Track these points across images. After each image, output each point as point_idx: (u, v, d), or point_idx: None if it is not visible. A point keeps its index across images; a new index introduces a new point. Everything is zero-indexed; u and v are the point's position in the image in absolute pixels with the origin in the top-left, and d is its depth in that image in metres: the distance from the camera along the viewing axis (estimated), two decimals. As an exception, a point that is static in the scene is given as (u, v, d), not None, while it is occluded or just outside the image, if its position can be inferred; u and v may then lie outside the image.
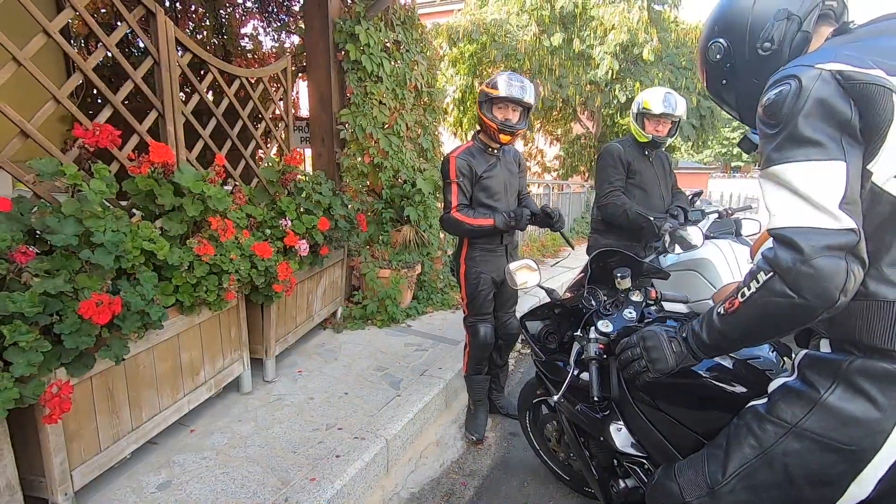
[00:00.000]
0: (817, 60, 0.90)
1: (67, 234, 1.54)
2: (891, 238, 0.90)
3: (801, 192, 0.88)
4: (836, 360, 0.95)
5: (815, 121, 0.88)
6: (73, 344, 1.49)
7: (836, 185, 0.86)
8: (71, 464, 1.62)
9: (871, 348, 0.91)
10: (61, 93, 1.89)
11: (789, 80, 0.91)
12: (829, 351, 0.99)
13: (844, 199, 0.85)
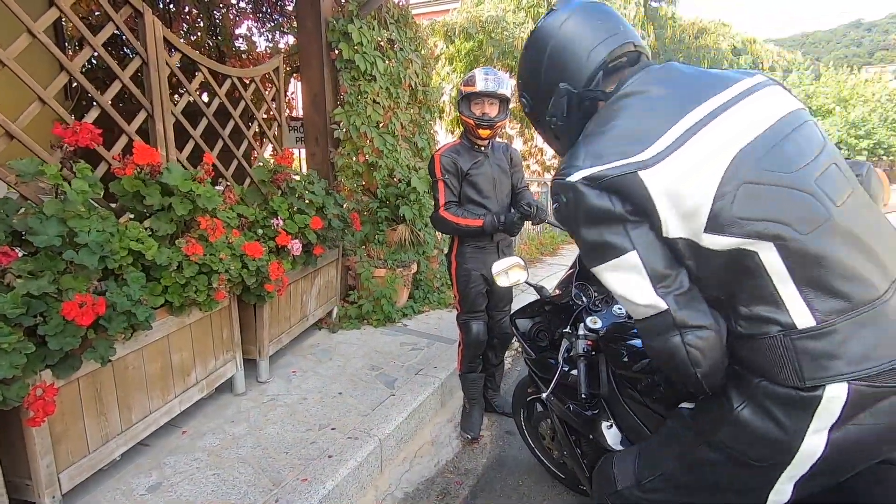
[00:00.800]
0: (568, 172, 0.96)
1: (50, 234, 1.53)
2: (733, 284, 0.90)
3: (620, 293, 0.96)
4: (747, 378, 0.93)
5: (593, 227, 0.95)
6: (57, 345, 1.48)
7: (640, 274, 0.92)
8: (58, 466, 1.61)
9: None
10: (47, 93, 1.88)
11: (560, 194, 0.99)
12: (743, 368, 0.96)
13: (655, 282, 0.91)
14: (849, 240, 0.86)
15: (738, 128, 0.91)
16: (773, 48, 10.62)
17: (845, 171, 0.94)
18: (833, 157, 0.93)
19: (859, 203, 0.92)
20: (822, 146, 0.94)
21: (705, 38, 10.10)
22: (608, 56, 1.07)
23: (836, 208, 0.87)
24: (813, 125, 0.96)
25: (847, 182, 0.92)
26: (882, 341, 0.83)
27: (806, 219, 0.86)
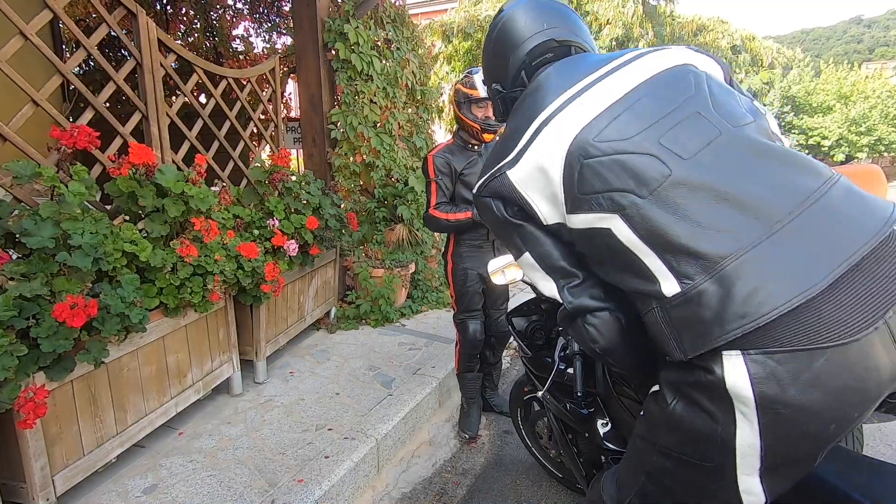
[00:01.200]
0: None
1: (44, 236, 1.52)
2: (614, 262, 0.90)
3: (538, 289, 1.04)
4: (663, 361, 0.87)
5: (497, 233, 1.08)
6: (50, 347, 1.47)
7: (540, 271, 1.00)
8: (52, 468, 1.61)
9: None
10: (40, 95, 1.88)
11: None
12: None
13: (553, 276, 0.99)
14: (700, 192, 0.80)
15: (588, 106, 0.92)
16: (771, 45, 10.59)
17: (714, 117, 0.87)
18: (698, 104, 0.88)
19: (729, 145, 0.84)
20: (688, 96, 0.90)
21: (704, 35, 10.09)
22: (527, 56, 1.12)
23: (684, 161, 0.83)
24: (689, 75, 0.93)
25: (711, 128, 0.85)
26: (759, 293, 0.73)
27: (644, 182, 0.83)
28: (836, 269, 0.71)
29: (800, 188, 0.78)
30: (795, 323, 0.71)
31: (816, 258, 0.72)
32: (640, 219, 0.82)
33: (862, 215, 0.75)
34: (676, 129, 0.86)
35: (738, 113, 0.90)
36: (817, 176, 0.79)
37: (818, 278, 0.71)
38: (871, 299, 0.70)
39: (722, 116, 0.87)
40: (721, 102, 0.90)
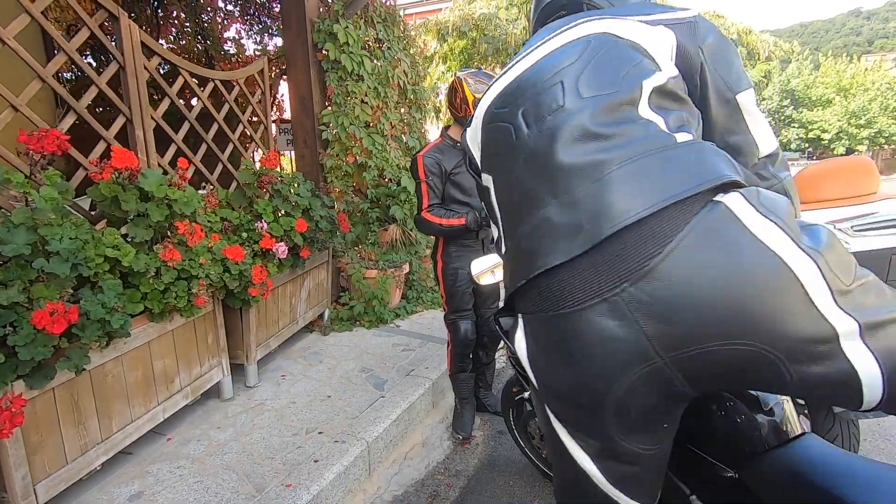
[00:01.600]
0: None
1: (19, 243, 1.50)
2: None
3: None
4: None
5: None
6: (28, 355, 1.45)
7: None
8: (34, 478, 1.59)
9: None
10: (20, 100, 1.86)
11: None
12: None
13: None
14: (530, 164, 0.87)
15: (510, 73, 0.99)
16: (768, 38, 10.52)
17: (569, 88, 0.87)
18: (563, 74, 0.89)
19: (563, 123, 0.84)
20: (559, 69, 0.90)
21: (700, 30, 10.03)
22: (541, 13, 1.15)
23: (527, 131, 0.89)
24: (579, 45, 0.91)
25: (553, 101, 0.87)
26: (527, 260, 0.84)
27: (502, 151, 0.94)
28: (576, 247, 0.77)
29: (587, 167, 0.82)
30: (542, 290, 0.82)
31: (567, 235, 0.79)
32: (499, 185, 0.96)
33: (623, 199, 0.76)
34: (541, 95, 0.90)
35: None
36: (607, 164, 0.80)
37: (562, 255, 0.78)
38: (598, 276, 0.76)
39: (580, 94, 0.87)
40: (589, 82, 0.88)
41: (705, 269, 0.71)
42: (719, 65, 0.94)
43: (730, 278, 0.70)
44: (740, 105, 0.95)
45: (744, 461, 1.05)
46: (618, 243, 0.74)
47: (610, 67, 0.88)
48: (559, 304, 0.79)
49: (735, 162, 0.81)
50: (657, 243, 0.72)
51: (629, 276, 0.73)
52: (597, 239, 0.75)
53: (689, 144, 0.79)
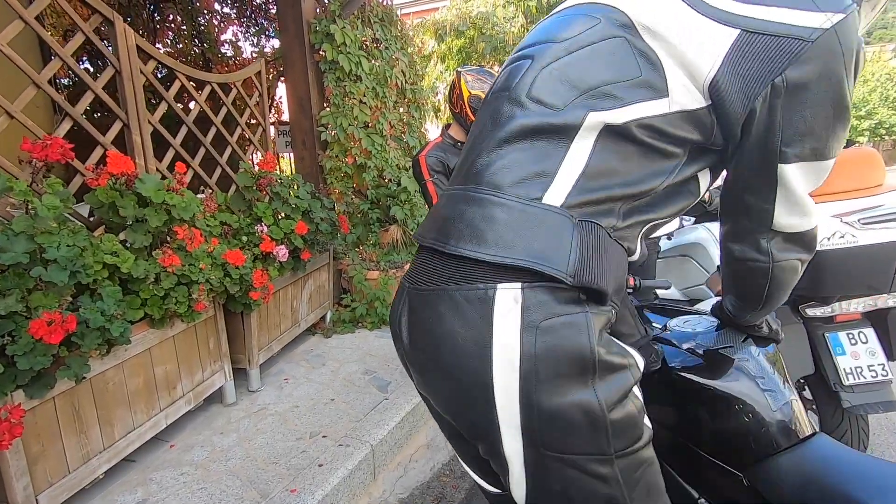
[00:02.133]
0: None
1: (17, 251, 1.49)
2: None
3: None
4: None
5: None
6: (27, 365, 1.44)
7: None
8: (36, 488, 1.57)
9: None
10: (15, 106, 1.85)
11: None
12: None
13: None
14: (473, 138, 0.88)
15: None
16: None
17: (528, 78, 0.81)
18: (540, 53, 0.82)
19: (501, 116, 0.82)
20: (545, 40, 0.83)
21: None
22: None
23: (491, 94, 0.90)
24: (577, 17, 0.81)
25: (513, 80, 0.83)
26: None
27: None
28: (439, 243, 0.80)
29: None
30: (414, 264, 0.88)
31: (435, 221, 0.84)
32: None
33: (468, 229, 0.80)
34: (510, 66, 0.88)
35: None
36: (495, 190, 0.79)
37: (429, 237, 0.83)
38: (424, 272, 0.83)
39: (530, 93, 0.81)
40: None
41: (448, 334, 0.75)
42: (792, 109, 0.70)
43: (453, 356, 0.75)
44: (780, 177, 0.76)
45: (752, 463, 1.03)
46: (452, 260, 0.78)
47: (580, 71, 0.77)
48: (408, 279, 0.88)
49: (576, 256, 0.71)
50: (453, 284, 0.76)
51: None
52: (442, 248, 0.78)
53: (544, 213, 0.72)
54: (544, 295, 0.71)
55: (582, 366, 0.70)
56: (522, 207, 0.73)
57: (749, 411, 1.06)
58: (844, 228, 1.67)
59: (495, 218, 0.74)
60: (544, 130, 0.76)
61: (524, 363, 0.70)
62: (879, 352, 1.91)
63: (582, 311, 0.72)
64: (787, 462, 1.01)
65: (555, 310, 0.70)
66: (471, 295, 0.73)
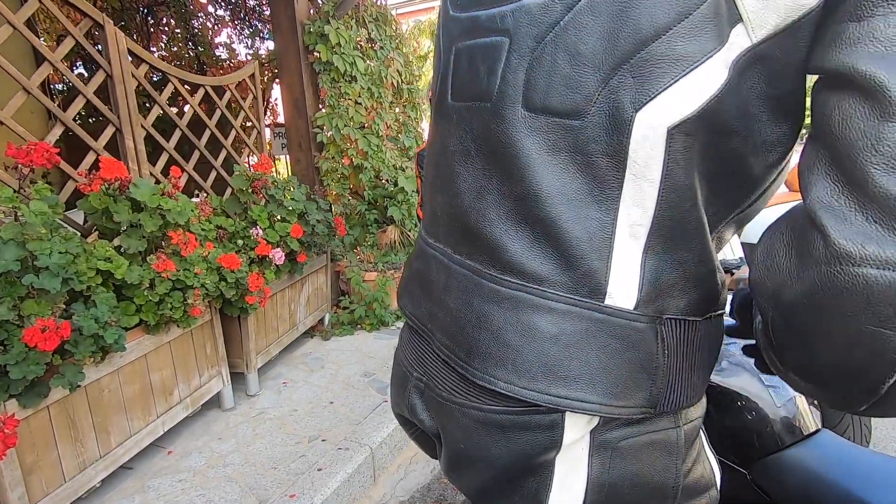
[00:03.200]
0: None
1: (8, 259, 1.47)
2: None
3: None
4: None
5: None
6: (20, 374, 1.42)
7: None
8: (31, 498, 1.56)
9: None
10: (4, 113, 1.83)
11: None
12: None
13: None
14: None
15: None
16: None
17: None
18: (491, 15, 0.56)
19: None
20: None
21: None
22: None
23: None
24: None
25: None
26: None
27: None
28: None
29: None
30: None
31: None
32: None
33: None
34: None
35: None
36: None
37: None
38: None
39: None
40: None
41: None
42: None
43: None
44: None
45: (756, 460, 1.02)
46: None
47: (600, 30, 0.46)
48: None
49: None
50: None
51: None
52: (463, 372, 0.63)
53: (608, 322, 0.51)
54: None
55: (662, 494, 0.57)
56: (579, 313, 0.51)
57: (752, 408, 1.05)
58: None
59: (538, 330, 0.52)
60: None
61: (590, 496, 0.55)
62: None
63: (674, 425, 0.56)
64: (790, 458, 1.00)
65: (637, 428, 0.54)
66: (518, 420, 0.55)
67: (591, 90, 0.47)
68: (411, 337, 0.73)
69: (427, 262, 0.68)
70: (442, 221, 0.64)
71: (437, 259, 0.65)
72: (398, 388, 0.74)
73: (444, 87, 0.62)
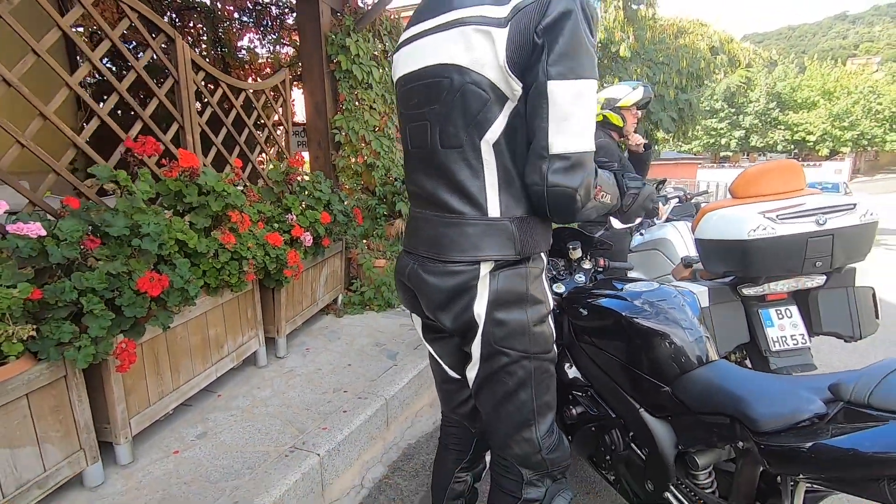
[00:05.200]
0: None
1: (120, 226, 1.91)
2: None
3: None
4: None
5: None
6: (131, 313, 1.85)
7: None
8: (129, 413, 1.99)
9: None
10: (48, 109, 2.10)
11: None
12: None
13: None
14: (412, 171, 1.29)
15: (405, 58, 1.22)
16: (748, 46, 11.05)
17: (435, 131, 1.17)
18: (433, 116, 1.16)
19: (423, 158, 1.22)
20: (430, 107, 1.15)
21: (684, 38, 10.53)
22: None
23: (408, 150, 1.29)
24: (442, 82, 1.11)
25: (427, 139, 1.19)
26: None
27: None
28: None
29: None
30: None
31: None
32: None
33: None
34: (411, 126, 1.24)
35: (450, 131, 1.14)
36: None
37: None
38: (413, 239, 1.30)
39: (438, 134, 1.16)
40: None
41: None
42: (550, 47, 0.99)
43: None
44: (548, 93, 1.00)
45: (674, 378, 1.48)
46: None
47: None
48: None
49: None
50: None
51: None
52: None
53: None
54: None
55: (519, 297, 1.17)
56: (478, 222, 1.17)
57: (674, 343, 1.51)
58: (766, 223, 2.13)
59: (465, 233, 1.17)
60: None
61: (490, 297, 1.15)
62: (801, 324, 2.38)
63: (525, 267, 1.18)
64: (698, 376, 1.45)
65: (510, 267, 1.16)
66: (462, 269, 1.19)
67: (462, 136, 1.11)
68: (406, 255, 1.33)
69: (415, 219, 1.30)
70: (419, 196, 1.27)
71: (418, 216, 1.28)
72: (400, 286, 1.36)
73: (404, 138, 1.29)
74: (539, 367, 1.23)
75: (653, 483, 1.58)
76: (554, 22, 0.98)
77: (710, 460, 1.45)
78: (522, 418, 1.25)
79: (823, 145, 39.06)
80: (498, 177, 1.11)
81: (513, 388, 1.22)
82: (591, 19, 1.03)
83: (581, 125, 1.03)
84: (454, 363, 1.42)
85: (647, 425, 1.55)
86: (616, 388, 1.65)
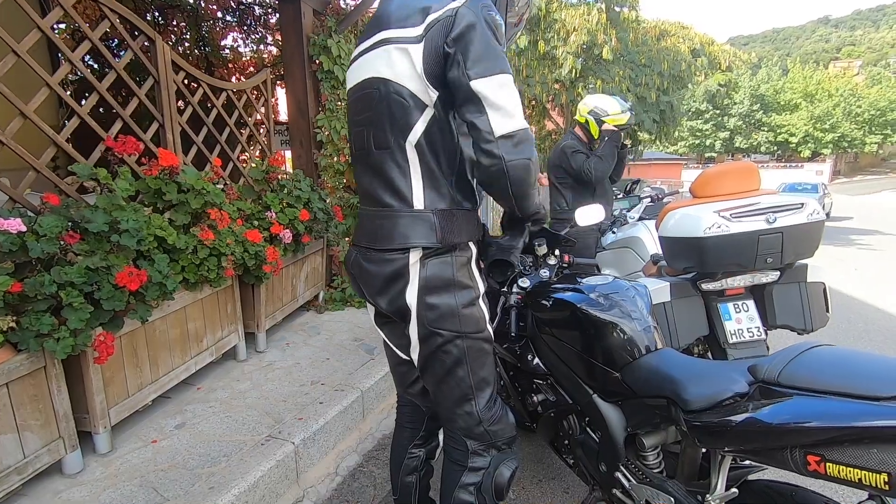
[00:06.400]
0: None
1: (99, 222, 1.97)
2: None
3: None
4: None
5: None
6: (109, 307, 1.92)
7: None
8: (108, 403, 2.06)
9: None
10: (28, 108, 2.15)
11: None
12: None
13: None
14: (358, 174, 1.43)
15: (354, 72, 1.37)
16: (728, 48, 11.27)
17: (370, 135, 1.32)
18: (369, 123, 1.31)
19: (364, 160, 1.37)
20: (366, 115, 1.31)
21: (666, 40, 10.71)
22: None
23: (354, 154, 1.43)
24: (373, 94, 1.27)
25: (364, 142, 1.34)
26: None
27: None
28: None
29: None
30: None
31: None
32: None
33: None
34: (355, 131, 1.40)
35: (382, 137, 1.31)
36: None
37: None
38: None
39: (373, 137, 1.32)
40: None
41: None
42: (464, 55, 1.14)
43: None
44: (475, 91, 1.15)
45: (624, 365, 1.58)
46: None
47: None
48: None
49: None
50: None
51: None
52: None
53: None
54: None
55: (447, 283, 1.30)
56: (406, 214, 1.30)
57: (624, 332, 1.61)
58: (721, 221, 2.25)
59: (396, 224, 1.29)
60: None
61: (420, 284, 1.29)
62: (757, 318, 2.50)
63: (450, 255, 1.31)
64: (645, 363, 1.56)
65: (437, 256, 1.29)
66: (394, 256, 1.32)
67: (390, 139, 1.26)
68: (352, 248, 1.46)
69: (360, 216, 1.44)
70: (362, 194, 1.42)
71: (362, 212, 1.42)
72: (350, 276, 1.48)
73: (350, 142, 1.44)
74: (472, 346, 1.35)
75: (605, 464, 1.68)
76: (461, 34, 1.14)
77: (657, 441, 1.55)
78: (462, 393, 1.38)
79: (806, 147, 39.71)
80: (422, 174, 1.27)
81: (450, 365, 1.35)
82: (494, 29, 1.18)
83: (512, 108, 1.18)
84: (402, 346, 1.51)
85: (599, 410, 1.65)
86: (573, 376, 1.75)
